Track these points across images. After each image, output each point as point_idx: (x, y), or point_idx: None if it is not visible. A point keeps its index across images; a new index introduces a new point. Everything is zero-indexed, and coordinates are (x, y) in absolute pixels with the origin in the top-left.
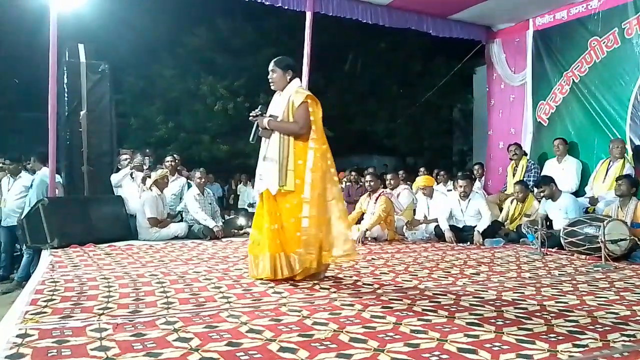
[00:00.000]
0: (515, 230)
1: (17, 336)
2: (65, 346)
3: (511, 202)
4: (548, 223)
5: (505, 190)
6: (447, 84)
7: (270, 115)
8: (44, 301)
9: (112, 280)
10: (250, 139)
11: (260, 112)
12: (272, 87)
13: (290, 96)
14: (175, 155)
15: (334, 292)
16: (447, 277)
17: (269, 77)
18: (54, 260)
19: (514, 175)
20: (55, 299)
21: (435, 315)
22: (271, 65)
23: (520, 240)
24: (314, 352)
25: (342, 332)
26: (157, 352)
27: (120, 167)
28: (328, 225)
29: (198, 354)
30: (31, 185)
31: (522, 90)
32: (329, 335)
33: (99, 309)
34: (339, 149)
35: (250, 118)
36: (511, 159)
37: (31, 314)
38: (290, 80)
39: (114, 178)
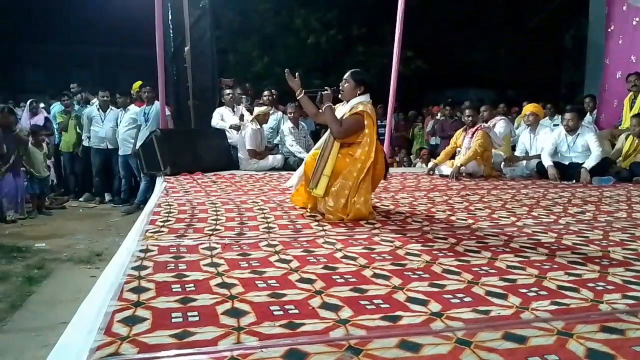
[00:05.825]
0: (628, 168)
1: (140, 251)
2: (181, 261)
3: (626, 138)
4: None
5: (620, 125)
6: (558, 8)
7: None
8: (161, 222)
9: (218, 205)
10: (305, 90)
11: (331, 92)
12: (340, 97)
13: (353, 105)
14: (272, 90)
15: (427, 225)
16: (548, 216)
17: (340, 85)
18: (168, 186)
19: (631, 109)
20: (170, 220)
21: (534, 253)
22: (346, 75)
23: (634, 179)
24: (407, 280)
25: (435, 264)
26: (261, 271)
27: (223, 101)
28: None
29: (297, 274)
30: (147, 118)
31: None
32: (421, 265)
33: (208, 230)
34: (433, 82)
35: (325, 88)
36: (629, 90)
37: (151, 232)
38: (360, 95)
39: (213, 120)
